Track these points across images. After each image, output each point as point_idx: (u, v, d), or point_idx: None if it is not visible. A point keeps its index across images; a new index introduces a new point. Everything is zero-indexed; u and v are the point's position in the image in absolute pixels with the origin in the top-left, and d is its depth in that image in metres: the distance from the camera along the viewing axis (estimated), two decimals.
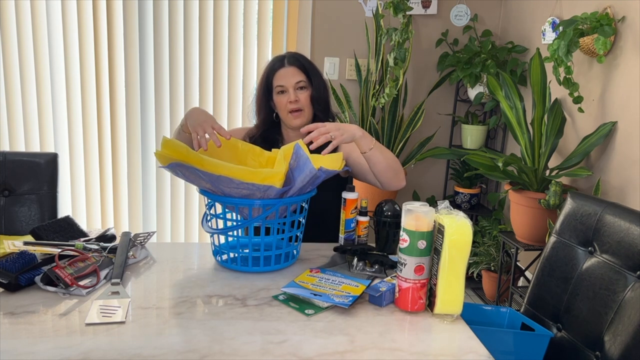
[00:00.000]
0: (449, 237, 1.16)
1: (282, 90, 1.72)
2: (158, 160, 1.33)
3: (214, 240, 1.45)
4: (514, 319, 1.42)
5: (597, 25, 2.13)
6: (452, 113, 3.26)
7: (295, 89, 1.71)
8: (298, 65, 1.73)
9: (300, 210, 1.42)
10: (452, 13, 3.12)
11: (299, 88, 1.72)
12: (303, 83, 1.72)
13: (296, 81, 1.71)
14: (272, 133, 1.82)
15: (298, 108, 1.72)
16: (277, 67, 1.74)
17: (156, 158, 1.33)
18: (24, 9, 2.82)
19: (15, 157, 1.85)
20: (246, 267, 1.40)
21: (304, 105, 1.72)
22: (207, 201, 1.42)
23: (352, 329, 1.13)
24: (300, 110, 1.73)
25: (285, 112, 1.73)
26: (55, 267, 1.25)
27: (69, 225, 1.55)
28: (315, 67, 1.77)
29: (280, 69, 1.73)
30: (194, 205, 3.17)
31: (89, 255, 1.35)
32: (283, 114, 1.75)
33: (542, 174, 2.38)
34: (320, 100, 1.75)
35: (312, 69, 1.76)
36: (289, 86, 1.71)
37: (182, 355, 1.01)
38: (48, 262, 1.31)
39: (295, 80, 1.71)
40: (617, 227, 1.32)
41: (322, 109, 1.77)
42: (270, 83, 1.75)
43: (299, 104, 1.72)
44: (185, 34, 2.97)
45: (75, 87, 2.94)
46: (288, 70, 1.72)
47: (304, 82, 1.72)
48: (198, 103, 3.05)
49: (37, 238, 1.46)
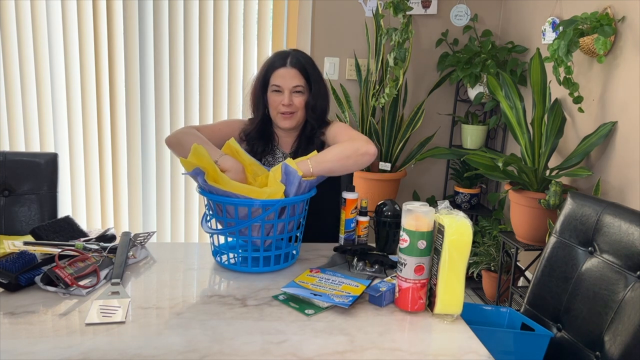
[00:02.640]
0: (449, 237, 1.16)
1: (278, 90, 1.67)
2: (183, 166, 1.38)
3: (213, 240, 1.45)
4: (514, 319, 1.42)
5: (597, 25, 2.13)
6: (452, 113, 3.26)
7: (291, 92, 1.66)
8: (299, 69, 1.67)
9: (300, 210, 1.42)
10: (452, 13, 3.12)
11: (295, 92, 1.67)
12: (301, 88, 1.67)
13: (294, 85, 1.66)
14: (268, 127, 1.77)
15: (290, 112, 1.68)
16: (278, 65, 1.67)
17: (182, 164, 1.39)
18: (24, 9, 2.82)
19: (15, 157, 1.85)
20: (245, 268, 1.40)
21: (297, 109, 1.68)
22: (207, 201, 1.42)
23: (352, 329, 1.13)
24: (292, 113, 1.68)
25: (275, 111, 1.69)
26: (55, 267, 1.25)
27: (68, 225, 1.56)
28: (317, 72, 1.71)
29: (280, 67, 1.67)
30: (194, 205, 3.17)
31: (89, 255, 1.35)
32: (273, 113, 1.70)
33: (542, 174, 2.38)
34: (315, 107, 1.70)
35: (314, 74, 1.70)
36: (286, 88, 1.66)
37: (182, 355, 1.01)
38: (48, 262, 1.31)
39: (294, 83, 1.66)
40: (617, 227, 1.32)
41: (317, 117, 1.72)
42: (268, 79, 1.69)
43: (292, 107, 1.67)
44: (185, 34, 2.97)
45: (75, 87, 2.94)
46: (288, 72, 1.66)
47: (302, 87, 1.67)
48: (198, 103, 3.05)
49: (37, 238, 1.46)
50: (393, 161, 3.04)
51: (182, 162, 1.38)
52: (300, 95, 1.67)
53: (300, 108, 1.69)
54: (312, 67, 1.71)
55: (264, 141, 1.76)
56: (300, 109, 1.69)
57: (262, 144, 1.76)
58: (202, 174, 1.34)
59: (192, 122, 3.06)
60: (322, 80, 1.74)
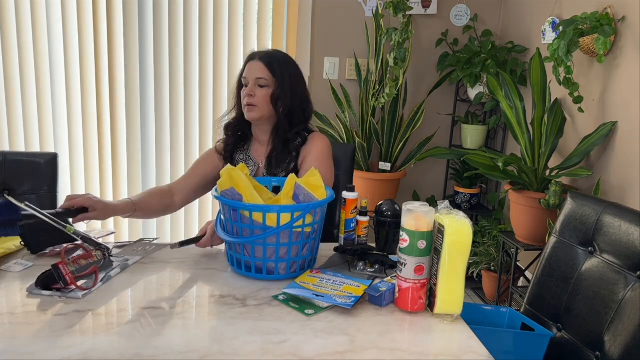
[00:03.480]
0: (449, 237, 1.16)
1: (245, 83, 1.71)
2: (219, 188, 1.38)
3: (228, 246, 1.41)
4: (514, 319, 1.42)
5: (597, 25, 2.13)
6: (452, 113, 3.26)
7: (255, 84, 1.69)
8: (266, 63, 1.69)
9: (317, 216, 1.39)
10: (452, 13, 3.12)
11: (259, 85, 1.69)
12: (264, 81, 1.69)
13: (257, 77, 1.69)
14: (244, 128, 1.80)
15: (251, 103, 1.69)
16: (248, 60, 1.73)
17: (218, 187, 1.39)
18: (24, 9, 2.82)
19: (15, 157, 1.85)
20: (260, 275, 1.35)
21: (258, 102, 1.69)
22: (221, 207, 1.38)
23: (352, 329, 1.13)
24: (254, 105, 1.69)
25: (242, 104, 1.73)
26: (60, 262, 1.24)
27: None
28: (287, 69, 1.72)
29: (250, 61, 1.72)
30: (194, 205, 3.17)
31: (92, 253, 1.35)
32: (242, 106, 1.73)
33: (542, 174, 2.38)
34: (282, 104, 1.70)
35: (282, 69, 1.70)
36: (250, 79, 1.70)
37: (182, 355, 1.01)
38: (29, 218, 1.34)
39: (257, 75, 1.69)
40: (617, 227, 1.32)
41: (286, 114, 1.72)
42: (241, 75, 1.75)
43: (253, 99, 1.69)
44: (185, 34, 2.97)
45: (75, 87, 2.94)
46: (254, 64, 1.70)
47: (265, 79, 1.68)
48: (198, 103, 3.05)
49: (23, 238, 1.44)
50: (393, 161, 3.04)
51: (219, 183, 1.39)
52: (264, 89, 1.69)
53: (263, 103, 1.69)
54: (282, 63, 1.72)
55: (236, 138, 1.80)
56: (263, 104, 1.69)
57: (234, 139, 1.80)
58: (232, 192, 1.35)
59: (192, 122, 3.06)
60: (294, 79, 1.73)
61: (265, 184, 1.56)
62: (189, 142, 3.09)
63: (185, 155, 3.10)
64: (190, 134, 3.08)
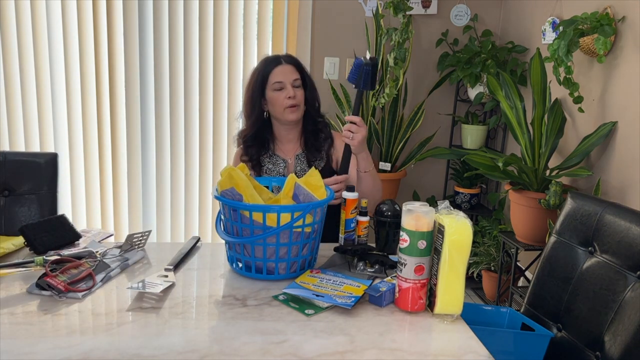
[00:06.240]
0: (449, 237, 1.16)
1: (281, 87, 1.78)
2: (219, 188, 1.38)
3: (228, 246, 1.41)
4: (514, 319, 1.42)
5: (597, 25, 2.13)
6: (452, 113, 3.26)
7: (293, 85, 1.79)
8: (294, 65, 1.83)
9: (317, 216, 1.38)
10: (452, 13, 3.12)
11: (295, 86, 1.80)
12: (299, 82, 1.81)
13: (294, 78, 1.80)
14: (263, 133, 1.87)
15: (296, 104, 1.79)
16: (274, 65, 1.81)
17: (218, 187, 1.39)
18: (24, 9, 2.82)
19: (15, 157, 1.84)
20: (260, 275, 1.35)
21: (299, 102, 1.80)
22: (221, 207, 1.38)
23: (352, 329, 1.13)
24: (298, 105, 1.80)
25: (281, 108, 1.79)
26: (47, 276, 1.23)
27: (60, 224, 1.53)
28: (306, 70, 1.88)
29: (278, 66, 1.80)
30: (194, 206, 3.17)
31: (82, 262, 1.34)
32: (279, 110, 1.80)
33: (542, 174, 2.38)
34: (312, 100, 1.86)
35: (305, 70, 1.87)
36: (288, 82, 1.78)
37: (182, 355, 1.01)
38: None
39: (293, 77, 1.80)
40: (617, 227, 1.32)
41: (315, 109, 1.88)
42: (266, 80, 1.80)
43: (297, 99, 1.79)
44: (185, 34, 2.97)
45: (75, 87, 2.94)
46: (286, 68, 1.80)
47: (299, 80, 1.81)
48: (198, 103, 3.05)
49: (25, 236, 1.43)
50: (393, 161, 3.04)
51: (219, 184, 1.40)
52: (300, 89, 1.82)
53: (302, 102, 1.82)
54: (302, 65, 1.88)
55: (258, 145, 1.86)
56: (302, 103, 1.82)
57: (256, 146, 1.85)
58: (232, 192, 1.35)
59: (192, 122, 3.06)
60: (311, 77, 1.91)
61: (265, 184, 1.56)
62: (189, 142, 3.09)
63: (186, 155, 3.10)
64: (190, 134, 3.08)
